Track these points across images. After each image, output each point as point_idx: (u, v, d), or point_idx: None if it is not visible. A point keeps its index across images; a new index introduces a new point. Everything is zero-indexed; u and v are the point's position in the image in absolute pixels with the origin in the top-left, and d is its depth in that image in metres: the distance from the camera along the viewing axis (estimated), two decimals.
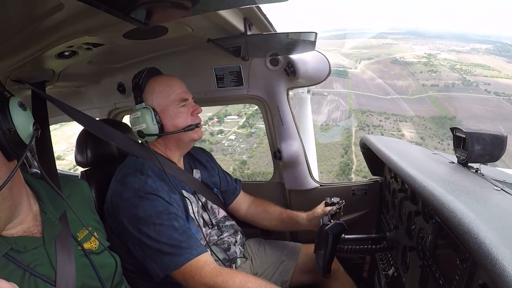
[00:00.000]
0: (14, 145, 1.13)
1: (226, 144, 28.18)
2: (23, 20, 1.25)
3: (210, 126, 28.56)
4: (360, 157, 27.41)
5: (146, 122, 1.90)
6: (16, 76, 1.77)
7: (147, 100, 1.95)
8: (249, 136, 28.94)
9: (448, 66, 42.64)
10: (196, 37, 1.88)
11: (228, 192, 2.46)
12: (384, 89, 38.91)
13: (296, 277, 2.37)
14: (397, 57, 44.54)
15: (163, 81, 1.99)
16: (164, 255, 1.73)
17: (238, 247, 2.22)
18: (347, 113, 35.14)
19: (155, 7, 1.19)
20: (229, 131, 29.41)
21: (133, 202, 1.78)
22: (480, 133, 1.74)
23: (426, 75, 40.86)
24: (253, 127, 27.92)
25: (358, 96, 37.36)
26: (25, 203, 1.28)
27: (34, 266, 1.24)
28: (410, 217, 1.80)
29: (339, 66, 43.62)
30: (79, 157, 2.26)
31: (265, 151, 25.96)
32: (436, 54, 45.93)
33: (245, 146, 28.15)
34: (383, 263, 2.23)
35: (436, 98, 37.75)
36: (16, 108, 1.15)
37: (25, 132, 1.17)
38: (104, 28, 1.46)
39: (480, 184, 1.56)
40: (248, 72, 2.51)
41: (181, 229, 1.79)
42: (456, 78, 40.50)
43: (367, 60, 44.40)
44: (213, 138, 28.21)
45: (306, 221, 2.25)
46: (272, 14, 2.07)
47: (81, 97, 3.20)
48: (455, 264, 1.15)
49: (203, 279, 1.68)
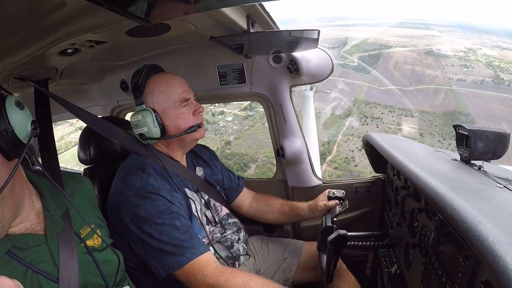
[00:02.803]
0: (12, 146, 1.12)
1: (221, 125, 28.12)
2: (26, 18, 1.25)
3: (216, 107, 28.42)
4: (341, 148, 27.21)
5: (147, 125, 1.87)
6: (19, 73, 1.77)
7: (147, 101, 1.93)
8: (245, 119, 28.84)
9: (484, 62, 41.36)
10: (199, 34, 1.87)
11: (231, 189, 2.46)
12: (409, 78, 38.34)
13: (299, 274, 2.37)
14: (433, 49, 43.58)
15: (163, 80, 1.96)
16: (166, 254, 1.73)
17: (241, 245, 2.22)
18: (351, 104, 34.71)
19: (158, 5, 1.19)
20: (230, 112, 29.36)
21: (134, 201, 1.78)
22: (483, 130, 1.74)
23: (456, 69, 39.89)
24: (252, 110, 27.83)
25: (371, 88, 36.90)
26: (27, 201, 1.29)
27: (37, 263, 1.24)
28: (413, 214, 1.80)
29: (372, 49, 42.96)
30: (82, 155, 2.27)
31: (253, 134, 25.86)
32: (477, 49, 44.32)
33: (237, 128, 28.05)
34: (385, 260, 2.23)
35: (458, 93, 37.19)
36: (13, 107, 1.14)
37: (23, 132, 1.16)
38: (107, 25, 1.45)
39: (483, 181, 1.56)
40: (251, 70, 2.51)
41: (183, 228, 1.79)
42: (488, 76, 39.14)
43: (401, 48, 43.82)
44: (212, 119, 28.09)
45: (308, 212, 2.25)
46: (276, 12, 2.07)
47: (84, 95, 3.20)
48: (457, 261, 1.15)
49: (206, 278, 1.68)
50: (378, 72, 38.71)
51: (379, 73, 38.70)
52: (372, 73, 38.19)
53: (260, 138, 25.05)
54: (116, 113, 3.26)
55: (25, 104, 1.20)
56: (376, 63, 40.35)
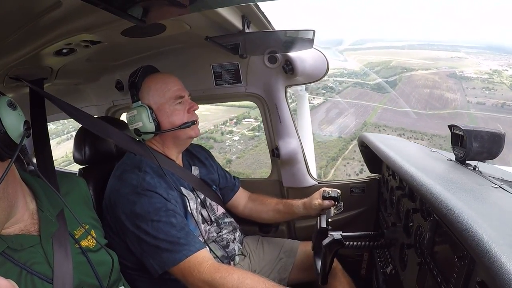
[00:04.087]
0: (5, 146, 1.12)
1: (227, 144, 28.17)
2: (21, 18, 1.25)
3: (227, 126, 28.41)
4: (338, 171, 27.00)
5: (142, 120, 1.91)
6: (14, 73, 1.77)
7: (143, 98, 1.96)
8: (250, 139, 28.89)
9: (509, 84, 40.60)
10: (194, 34, 1.88)
11: (227, 189, 2.47)
12: (427, 102, 37.86)
13: (294, 274, 2.37)
14: (457, 71, 42.63)
15: (159, 79, 2.00)
16: (162, 251, 1.73)
17: (236, 244, 2.23)
18: (360, 126, 34.39)
19: (153, 5, 1.19)
20: (239, 132, 29.35)
21: (131, 198, 1.79)
22: (478, 130, 1.75)
23: (477, 91, 38.81)
24: (260, 130, 27.87)
25: (385, 110, 36.57)
26: (21, 202, 1.29)
27: (31, 264, 1.24)
28: (408, 214, 1.80)
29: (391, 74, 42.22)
30: (77, 155, 2.26)
31: (255, 154, 25.94)
32: (502, 71, 42.73)
33: (241, 147, 28.10)
34: (381, 260, 2.24)
35: (475, 116, 36.61)
36: (5, 108, 1.14)
37: (16, 132, 1.16)
38: (102, 25, 1.45)
39: (478, 181, 1.56)
40: (246, 70, 2.51)
41: (179, 225, 1.79)
42: (511, 99, 38.84)
43: (424, 70, 43.26)
44: (220, 137, 28.17)
45: (303, 209, 2.26)
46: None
47: (79, 95, 3.19)
48: (453, 262, 1.15)
49: (202, 275, 1.68)
50: (396, 93, 38.33)
51: (398, 94, 38.29)
52: (391, 93, 37.82)
53: (260, 159, 25.11)
54: (112, 113, 3.26)
55: (17, 105, 1.20)
56: (395, 86, 39.92)
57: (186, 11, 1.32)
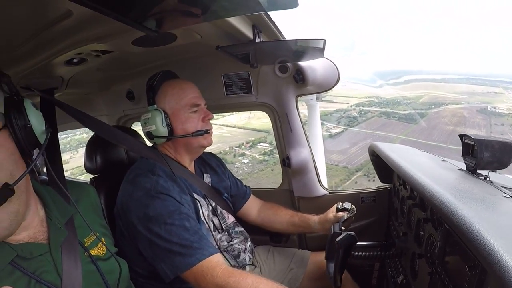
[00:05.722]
0: (29, 141, 1.18)
1: (235, 166, 28.10)
2: (32, 27, 1.26)
3: (241, 149, 28.37)
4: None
5: (156, 124, 1.92)
6: (25, 83, 1.78)
7: (159, 102, 1.98)
8: (259, 163, 28.80)
9: None
10: (205, 44, 1.89)
11: (238, 196, 2.47)
12: (448, 136, 37.17)
13: (305, 285, 2.36)
14: (488, 106, 41.61)
15: (176, 84, 2.02)
16: (175, 255, 1.72)
17: (247, 254, 2.22)
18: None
19: (164, 15, 1.20)
20: (250, 155, 29.28)
21: (144, 201, 1.79)
22: (489, 140, 1.73)
23: (505, 128, 37.92)
24: (271, 155, 27.81)
25: (403, 141, 36.12)
26: (33, 206, 1.30)
27: (40, 273, 1.23)
28: (419, 224, 1.79)
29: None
30: (89, 164, 2.28)
31: (258, 177, 25.83)
32: None
33: (248, 170, 28.02)
34: (392, 270, 2.22)
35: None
36: (30, 107, 1.20)
37: (39, 129, 1.22)
38: (113, 35, 1.46)
39: (489, 191, 1.55)
40: (257, 79, 2.52)
41: (192, 229, 1.78)
42: None
43: (455, 105, 42.34)
44: (231, 159, 28.14)
45: (318, 224, 2.25)
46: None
47: (90, 104, 3.21)
48: (464, 272, 1.14)
49: (215, 279, 1.66)
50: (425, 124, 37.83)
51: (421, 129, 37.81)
52: (419, 124, 37.35)
53: (261, 182, 24.97)
54: (123, 123, 3.27)
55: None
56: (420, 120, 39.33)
57: (197, 21, 1.33)
